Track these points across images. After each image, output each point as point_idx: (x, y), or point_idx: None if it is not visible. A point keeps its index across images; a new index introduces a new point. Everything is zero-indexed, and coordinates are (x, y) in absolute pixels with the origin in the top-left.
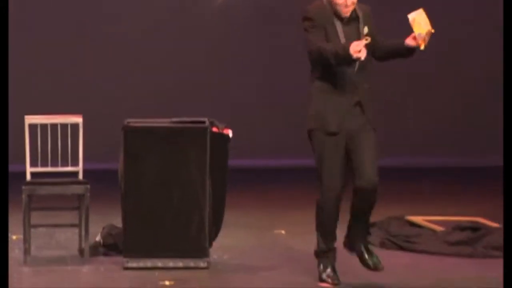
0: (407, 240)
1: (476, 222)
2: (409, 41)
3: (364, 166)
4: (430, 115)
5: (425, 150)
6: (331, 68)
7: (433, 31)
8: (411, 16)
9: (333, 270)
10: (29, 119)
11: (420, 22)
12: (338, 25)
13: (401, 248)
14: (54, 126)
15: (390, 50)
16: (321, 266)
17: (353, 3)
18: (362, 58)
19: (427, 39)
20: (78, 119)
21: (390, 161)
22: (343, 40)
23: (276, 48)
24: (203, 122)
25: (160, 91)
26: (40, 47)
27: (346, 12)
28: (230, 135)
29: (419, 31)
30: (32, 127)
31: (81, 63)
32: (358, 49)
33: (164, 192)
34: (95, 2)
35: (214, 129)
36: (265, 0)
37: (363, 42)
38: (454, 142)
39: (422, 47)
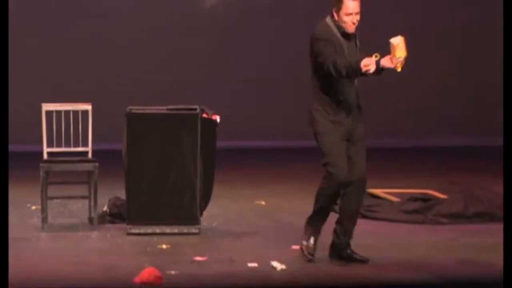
0: (369, 210)
1: (427, 194)
2: (386, 63)
3: (361, 164)
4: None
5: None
6: (337, 80)
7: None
8: (395, 42)
9: (315, 243)
10: (46, 107)
11: (400, 48)
12: (343, 42)
13: (364, 216)
14: (67, 112)
15: None
16: (307, 234)
17: (357, 20)
18: (371, 71)
19: (403, 62)
20: (87, 107)
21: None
22: (347, 54)
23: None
24: (195, 109)
25: (158, 82)
26: (58, 46)
27: (352, 29)
28: (218, 120)
29: (399, 55)
30: (48, 113)
31: (91, 58)
32: (369, 63)
33: (161, 168)
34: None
35: (204, 115)
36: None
37: (374, 58)
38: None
39: (399, 69)
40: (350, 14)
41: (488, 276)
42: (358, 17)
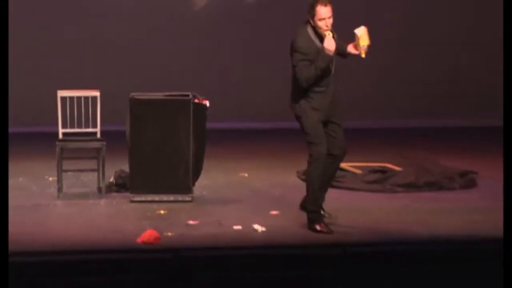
0: (336, 180)
1: (385, 167)
2: (351, 49)
3: (341, 138)
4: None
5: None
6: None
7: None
8: (358, 32)
9: (325, 223)
10: (61, 93)
11: (364, 37)
12: (320, 45)
13: (332, 186)
14: (79, 98)
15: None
16: (318, 219)
17: (330, 24)
18: (333, 50)
19: (367, 50)
20: (96, 93)
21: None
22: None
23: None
24: (188, 95)
25: (158, 71)
26: (72, 40)
27: (325, 31)
28: (208, 104)
29: (363, 44)
30: (63, 99)
31: (101, 52)
32: (329, 44)
33: (159, 146)
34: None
35: (196, 100)
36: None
37: (329, 37)
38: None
39: (363, 56)
40: (323, 19)
41: (437, 235)
42: (331, 20)
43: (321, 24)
